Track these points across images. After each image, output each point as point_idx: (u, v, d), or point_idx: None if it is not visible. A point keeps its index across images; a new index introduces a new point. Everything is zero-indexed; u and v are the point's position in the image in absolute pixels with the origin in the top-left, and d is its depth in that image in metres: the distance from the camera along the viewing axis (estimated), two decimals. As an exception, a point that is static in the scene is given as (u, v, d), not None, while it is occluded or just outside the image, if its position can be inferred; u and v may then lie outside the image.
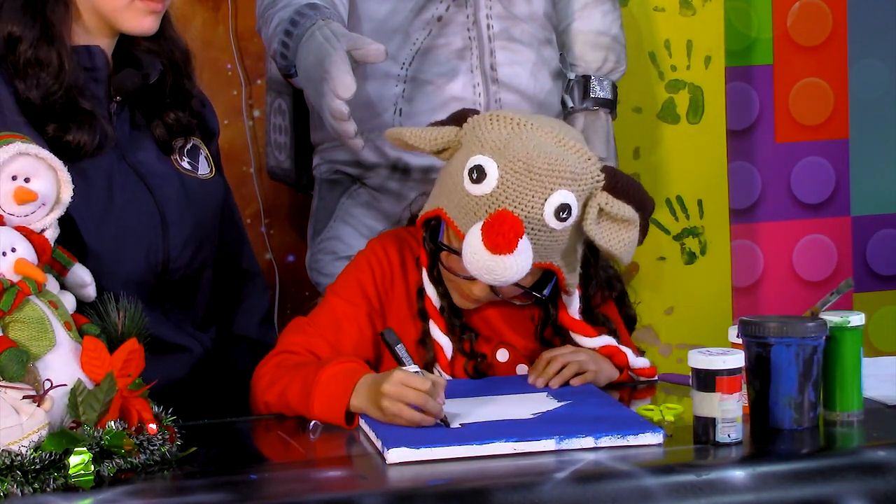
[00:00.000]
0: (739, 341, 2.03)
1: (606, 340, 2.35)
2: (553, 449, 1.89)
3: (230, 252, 2.49)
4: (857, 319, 2.05)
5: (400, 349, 2.11)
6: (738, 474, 1.83)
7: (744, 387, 1.98)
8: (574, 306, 2.33)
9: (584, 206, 2.18)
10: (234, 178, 3.30)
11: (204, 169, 2.40)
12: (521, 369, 2.35)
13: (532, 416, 2.04)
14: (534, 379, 2.26)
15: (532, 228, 2.14)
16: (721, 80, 3.44)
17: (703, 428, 1.92)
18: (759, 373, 2.00)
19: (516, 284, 2.21)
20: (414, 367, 2.08)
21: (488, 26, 2.87)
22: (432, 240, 2.31)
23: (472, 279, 2.22)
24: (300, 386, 2.15)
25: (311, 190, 3.09)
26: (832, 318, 2.04)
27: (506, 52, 2.87)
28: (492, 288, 2.23)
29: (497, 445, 1.88)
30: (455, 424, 2.00)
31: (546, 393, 2.19)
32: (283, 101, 3.12)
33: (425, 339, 2.31)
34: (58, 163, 1.96)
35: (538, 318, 2.36)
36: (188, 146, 2.39)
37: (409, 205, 2.58)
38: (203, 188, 2.37)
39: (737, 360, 1.93)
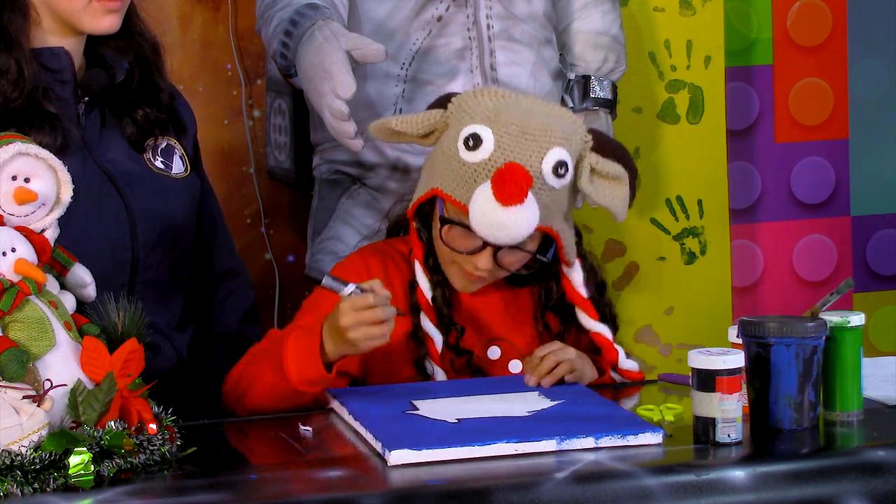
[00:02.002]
0: (739, 341, 2.03)
1: (603, 329, 2.35)
2: (554, 450, 1.89)
3: (207, 250, 2.49)
4: (857, 319, 2.05)
5: (326, 281, 2.13)
6: (738, 474, 1.83)
7: (744, 387, 1.98)
8: (578, 278, 2.34)
9: (577, 166, 2.24)
10: (234, 178, 3.30)
11: (178, 168, 2.40)
12: (515, 366, 2.35)
13: (528, 414, 2.04)
14: (528, 378, 2.25)
15: (536, 188, 2.18)
16: (721, 80, 3.44)
17: (703, 428, 1.92)
18: (758, 373, 2.00)
19: (519, 248, 2.23)
20: (349, 288, 2.11)
21: (488, 26, 2.87)
22: (426, 225, 2.31)
23: (475, 253, 2.23)
24: (271, 368, 2.16)
25: (311, 190, 3.09)
26: (832, 318, 2.04)
27: (506, 52, 2.87)
28: (495, 259, 2.24)
29: (499, 446, 1.88)
30: (451, 420, 2.00)
31: (538, 392, 2.19)
32: (283, 101, 3.12)
33: (416, 333, 2.32)
34: (58, 163, 1.96)
35: (540, 299, 2.36)
36: (162, 145, 2.39)
37: (386, 215, 2.59)
38: (176, 187, 2.37)
39: (737, 360, 1.93)
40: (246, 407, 2.22)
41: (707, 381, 1.92)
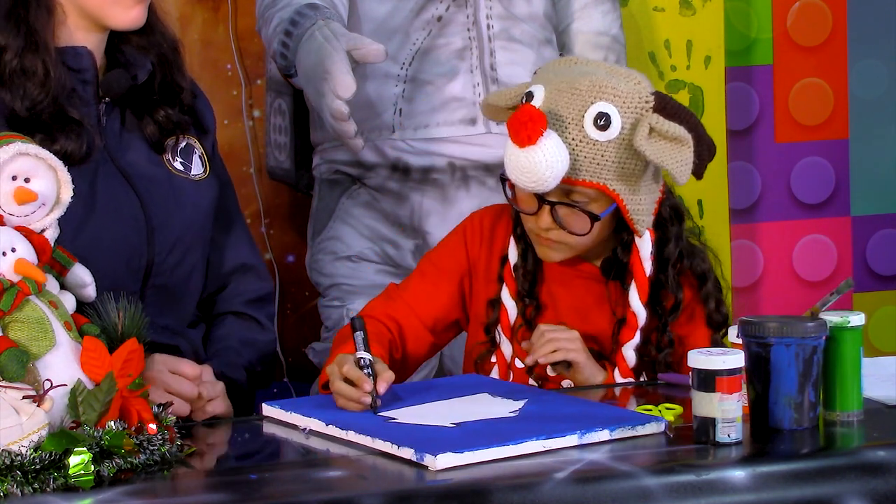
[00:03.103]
0: (739, 341, 2.03)
1: (639, 310, 2.31)
2: (576, 444, 1.91)
3: (218, 245, 2.43)
4: (857, 319, 2.05)
5: (357, 336, 2.16)
6: (738, 474, 1.83)
7: (744, 387, 1.98)
8: (644, 251, 2.31)
9: (636, 126, 2.20)
10: (234, 178, 3.28)
11: (197, 169, 2.37)
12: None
13: (513, 415, 2.05)
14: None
15: (573, 139, 2.19)
16: (721, 80, 3.44)
17: (703, 428, 1.92)
18: (759, 373, 2.00)
19: (570, 204, 2.22)
20: (364, 356, 2.12)
21: (488, 26, 2.87)
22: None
23: (537, 213, 2.25)
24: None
25: (311, 190, 3.09)
26: (832, 318, 2.04)
27: (506, 52, 2.88)
28: (554, 219, 2.24)
29: (529, 444, 1.88)
30: (447, 424, 2.00)
31: (486, 393, 2.19)
32: (283, 101, 3.12)
33: (495, 302, 2.37)
34: (58, 163, 1.96)
35: (607, 260, 2.35)
36: (181, 145, 2.36)
37: None
38: (195, 189, 2.35)
39: (737, 360, 1.93)
40: None
41: (707, 381, 1.92)
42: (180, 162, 2.35)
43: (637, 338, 2.32)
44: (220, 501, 1.77)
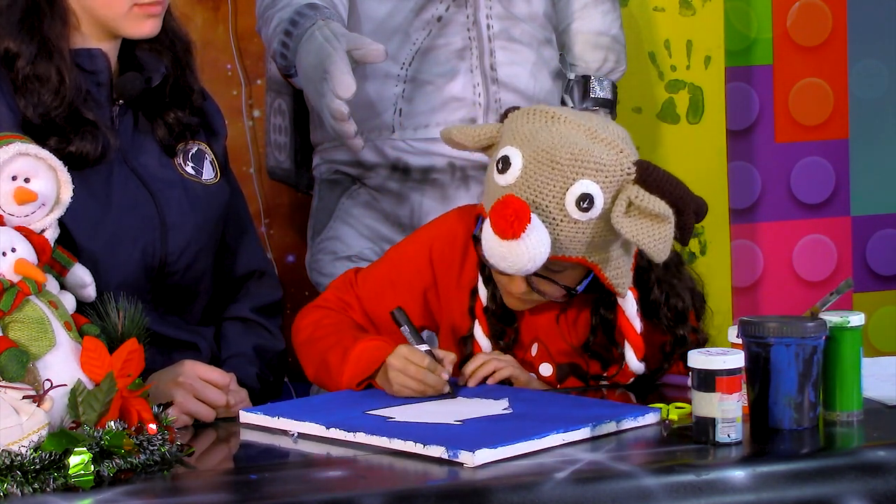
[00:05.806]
0: (739, 341, 2.03)
1: (637, 368, 2.29)
2: (588, 437, 1.94)
3: (229, 252, 2.45)
4: (857, 319, 2.05)
5: (405, 330, 2.20)
6: (738, 474, 1.83)
7: (744, 387, 1.98)
8: (630, 309, 2.26)
9: (615, 199, 2.13)
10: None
11: (208, 174, 2.38)
12: (544, 369, 2.33)
13: (506, 411, 2.07)
14: (464, 380, 2.25)
15: (554, 219, 2.13)
16: (721, 80, 3.44)
17: (703, 428, 1.92)
18: (758, 373, 2.00)
19: (548, 278, 2.19)
20: (422, 347, 2.17)
21: (488, 26, 2.87)
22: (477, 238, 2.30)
23: (509, 275, 2.20)
24: (339, 355, 2.23)
25: (311, 190, 3.09)
26: (832, 318, 2.04)
27: (506, 53, 2.88)
28: (530, 285, 2.20)
29: (552, 438, 1.92)
30: (452, 422, 2.00)
31: (458, 396, 2.19)
32: (283, 101, 3.12)
33: (467, 338, 2.34)
34: (58, 163, 1.96)
35: (589, 325, 2.32)
36: (192, 150, 2.36)
37: None
38: (206, 193, 2.35)
39: (737, 360, 1.93)
40: (305, 367, 2.33)
41: (707, 381, 1.92)
42: (192, 167, 2.35)
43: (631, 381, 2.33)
44: (220, 501, 1.77)
